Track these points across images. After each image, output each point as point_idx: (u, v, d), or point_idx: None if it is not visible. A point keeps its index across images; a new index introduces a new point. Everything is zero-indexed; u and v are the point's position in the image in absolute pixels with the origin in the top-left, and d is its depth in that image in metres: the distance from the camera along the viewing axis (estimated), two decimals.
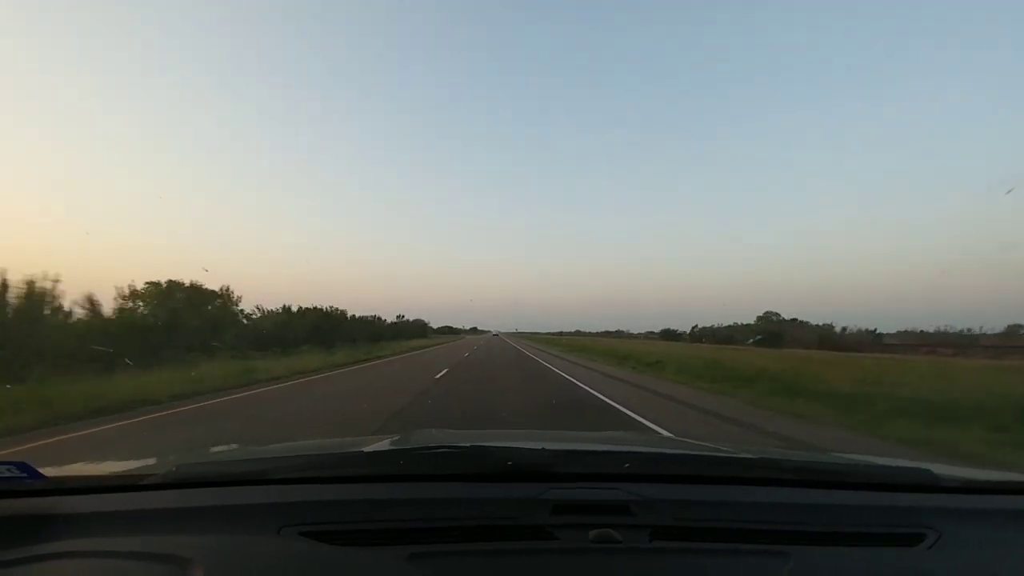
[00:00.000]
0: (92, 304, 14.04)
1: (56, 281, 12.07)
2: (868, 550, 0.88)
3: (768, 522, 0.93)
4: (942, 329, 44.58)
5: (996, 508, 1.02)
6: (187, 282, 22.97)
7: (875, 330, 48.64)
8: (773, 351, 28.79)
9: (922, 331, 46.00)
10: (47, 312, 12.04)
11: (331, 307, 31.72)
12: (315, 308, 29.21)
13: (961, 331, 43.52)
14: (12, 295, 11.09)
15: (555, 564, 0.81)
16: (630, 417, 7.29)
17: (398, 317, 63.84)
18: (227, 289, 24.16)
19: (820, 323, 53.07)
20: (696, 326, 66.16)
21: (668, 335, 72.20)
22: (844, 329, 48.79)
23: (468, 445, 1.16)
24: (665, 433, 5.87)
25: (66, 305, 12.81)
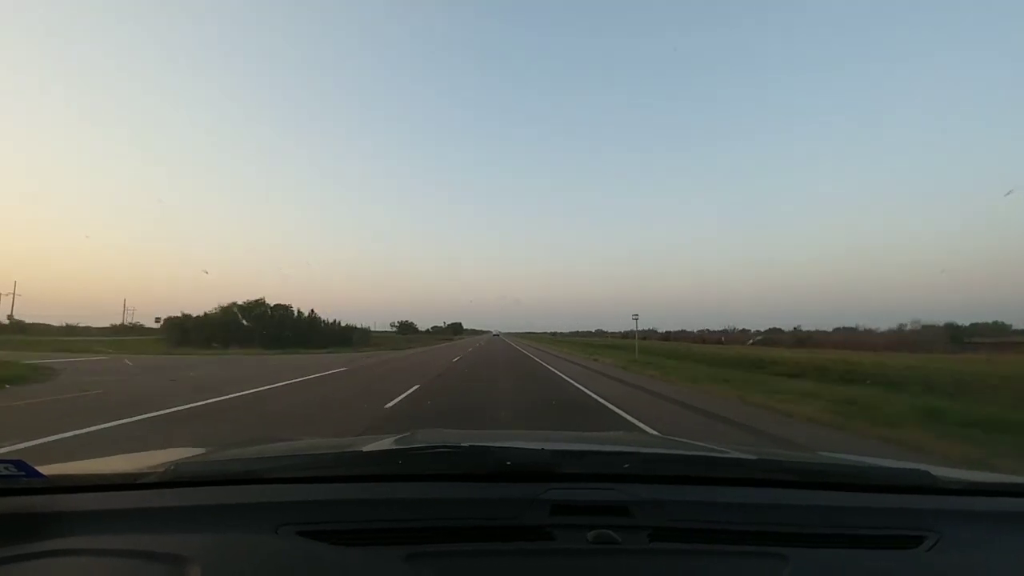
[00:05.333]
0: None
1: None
2: (867, 552, 0.88)
3: (767, 524, 0.93)
4: None
5: (995, 511, 1.02)
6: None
7: None
8: None
9: None
10: None
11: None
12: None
13: None
14: None
15: (554, 564, 0.81)
16: None
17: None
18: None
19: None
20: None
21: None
22: None
23: (467, 445, 1.16)
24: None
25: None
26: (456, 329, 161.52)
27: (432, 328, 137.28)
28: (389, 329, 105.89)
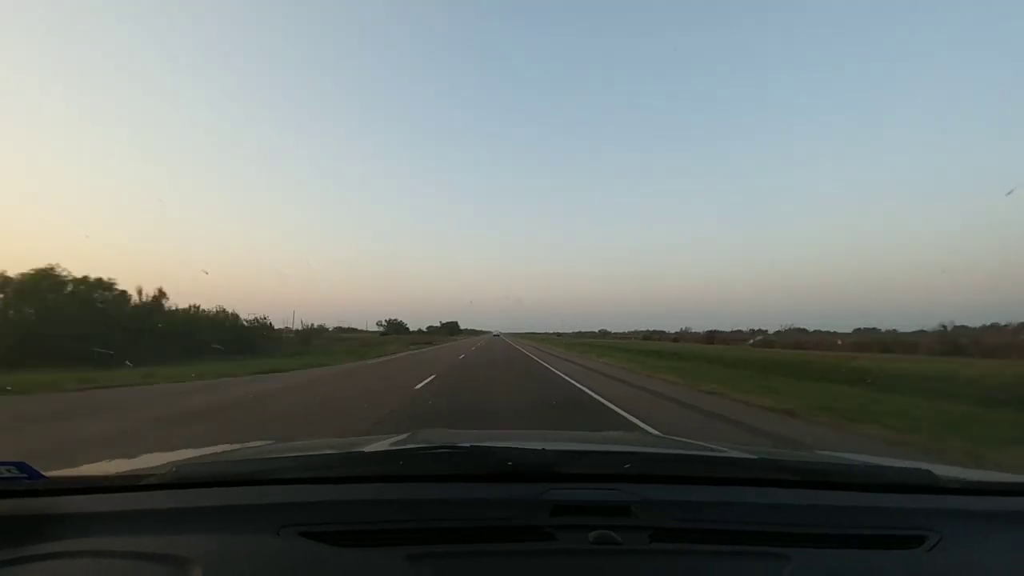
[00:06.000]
0: None
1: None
2: (869, 552, 0.87)
3: (768, 524, 0.93)
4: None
5: (997, 510, 1.02)
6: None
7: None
8: None
9: None
10: None
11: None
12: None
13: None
14: None
15: (555, 565, 0.81)
16: None
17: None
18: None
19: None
20: None
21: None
22: None
23: (468, 445, 1.16)
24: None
25: None
26: (452, 329, 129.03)
27: (427, 328, 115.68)
28: (376, 329, 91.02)
